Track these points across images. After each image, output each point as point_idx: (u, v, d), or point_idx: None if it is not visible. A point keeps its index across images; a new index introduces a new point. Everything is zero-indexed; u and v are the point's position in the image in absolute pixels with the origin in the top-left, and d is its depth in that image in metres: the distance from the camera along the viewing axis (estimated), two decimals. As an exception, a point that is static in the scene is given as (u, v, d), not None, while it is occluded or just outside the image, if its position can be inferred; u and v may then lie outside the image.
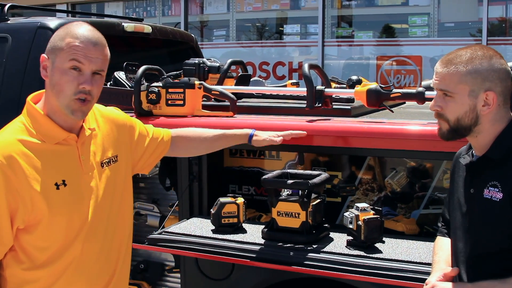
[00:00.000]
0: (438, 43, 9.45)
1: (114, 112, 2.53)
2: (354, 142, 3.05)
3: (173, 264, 3.69)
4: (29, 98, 2.28)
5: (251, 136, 2.92)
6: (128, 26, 4.60)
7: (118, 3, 12.08)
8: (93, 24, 4.51)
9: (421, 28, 9.61)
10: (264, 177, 2.95)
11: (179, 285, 3.43)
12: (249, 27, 11.32)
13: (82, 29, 2.21)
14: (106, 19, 5.31)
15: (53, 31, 3.95)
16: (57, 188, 2.16)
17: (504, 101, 2.07)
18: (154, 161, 2.70)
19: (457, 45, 9.34)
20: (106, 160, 2.35)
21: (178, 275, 3.50)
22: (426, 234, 3.13)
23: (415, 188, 3.28)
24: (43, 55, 2.21)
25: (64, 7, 12.06)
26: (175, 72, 3.97)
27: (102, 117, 2.43)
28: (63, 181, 2.18)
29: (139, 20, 5.40)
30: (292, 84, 4.57)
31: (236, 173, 3.65)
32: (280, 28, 11.05)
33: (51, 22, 4.10)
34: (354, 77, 4.33)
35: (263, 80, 4.60)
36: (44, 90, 2.27)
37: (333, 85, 4.35)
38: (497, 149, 2.07)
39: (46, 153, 2.17)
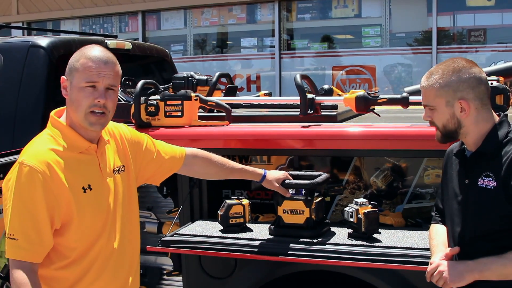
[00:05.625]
0: (391, 53, 9.89)
1: (121, 127, 2.78)
2: (343, 144, 3.33)
3: (171, 268, 3.85)
4: (52, 113, 2.54)
5: (264, 176, 3.10)
6: (111, 43, 4.78)
7: (74, 20, 12.12)
8: (76, 42, 4.67)
9: (374, 38, 10.03)
10: None
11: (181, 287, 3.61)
12: (206, 41, 11.55)
13: (95, 51, 2.47)
14: (89, 37, 5.46)
15: (44, 49, 4.12)
16: (84, 192, 2.43)
17: (481, 103, 2.42)
18: (164, 174, 2.95)
19: (408, 54, 9.84)
20: (117, 168, 2.62)
21: (177, 278, 3.69)
22: (411, 226, 3.42)
23: (399, 185, 3.55)
24: (63, 77, 2.48)
25: (20, 25, 12.00)
26: (164, 86, 4.16)
27: (112, 131, 2.69)
28: (89, 185, 2.45)
29: (114, 36, 5.57)
30: (265, 94, 4.86)
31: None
32: (237, 42, 11.31)
33: (42, 40, 4.26)
34: (326, 86, 4.61)
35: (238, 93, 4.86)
36: (65, 107, 2.53)
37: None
38: (488, 145, 2.41)
39: (73, 161, 2.43)
